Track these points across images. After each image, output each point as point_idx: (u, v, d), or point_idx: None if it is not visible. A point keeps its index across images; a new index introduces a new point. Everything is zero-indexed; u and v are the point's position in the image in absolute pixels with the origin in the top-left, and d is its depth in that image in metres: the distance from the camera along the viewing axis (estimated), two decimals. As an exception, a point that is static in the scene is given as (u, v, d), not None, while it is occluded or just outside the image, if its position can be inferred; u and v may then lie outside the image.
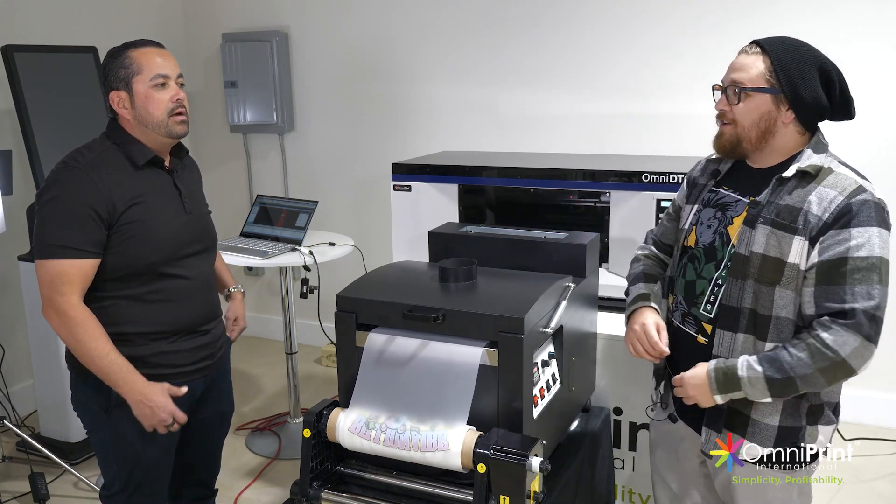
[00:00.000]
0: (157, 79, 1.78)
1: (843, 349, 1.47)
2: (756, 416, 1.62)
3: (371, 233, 3.90)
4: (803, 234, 1.51)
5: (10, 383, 3.39)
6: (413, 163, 2.75)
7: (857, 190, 1.50)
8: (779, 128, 1.58)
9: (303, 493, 1.61)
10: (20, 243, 3.21)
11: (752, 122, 1.58)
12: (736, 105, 1.59)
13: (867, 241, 1.47)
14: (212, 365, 1.98)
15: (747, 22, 3.21)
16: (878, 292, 1.47)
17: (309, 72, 4.19)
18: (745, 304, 1.58)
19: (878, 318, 1.48)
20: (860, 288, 1.47)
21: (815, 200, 1.51)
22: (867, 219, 1.48)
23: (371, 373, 1.63)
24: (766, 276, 1.55)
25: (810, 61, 1.55)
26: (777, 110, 1.57)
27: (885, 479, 2.94)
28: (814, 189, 1.53)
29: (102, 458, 1.94)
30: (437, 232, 2.08)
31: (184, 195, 1.89)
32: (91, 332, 1.73)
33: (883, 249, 1.49)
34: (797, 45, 1.57)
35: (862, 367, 1.50)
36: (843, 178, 1.53)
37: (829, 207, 1.50)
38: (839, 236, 1.49)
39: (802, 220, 1.52)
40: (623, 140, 3.49)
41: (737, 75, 1.59)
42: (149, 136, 1.82)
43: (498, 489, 1.46)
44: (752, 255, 1.57)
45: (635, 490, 2.29)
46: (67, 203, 1.72)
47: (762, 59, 1.56)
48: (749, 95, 1.57)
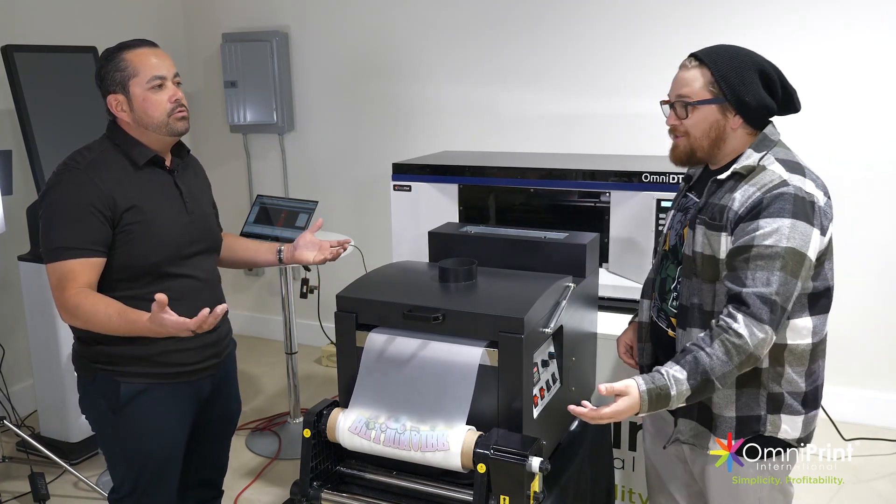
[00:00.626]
0: (153, 80, 1.78)
1: (751, 339, 1.50)
2: (715, 410, 1.67)
3: (371, 233, 3.91)
4: (727, 230, 1.58)
5: (10, 383, 3.39)
6: (413, 163, 2.75)
7: (777, 185, 1.54)
8: (728, 133, 1.64)
9: (303, 493, 1.61)
10: (20, 243, 3.21)
11: (703, 132, 1.64)
12: (685, 119, 1.65)
13: (775, 231, 1.51)
14: (219, 363, 1.98)
15: (747, 22, 3.21)
16: (777, 279, 1.49)
17: (309, 72, 4.19)
18: (693, 301, 1.66)
19: (775, 304, 1.50)
20: (760, 274, 1.50)
21: (737, 198, 1.57)
22: (779, 210, 1.52)
23: (371, 373, 1.63)
24: (706, 274, 1.63)
25: (748, 66, 1.60)
26: (724, 118, 1.62)
27: (885, 479, 2.94)
28: (741, 188, 1.58)
29: (111, 459, 1.94)
30: (437, 232, 2.08)
31: (185, 195, 1.89)
32: (89, 308, 1.69)
33: (793, 240, 1.51)
34: (734, 53, 1.63)
35: (764, 348, 1.53)
36: (768, 175, 1.57)
37: (746, 203, 1.56)
38: (748, 226, 1.54)
39: (726, 217, 1.58)
40: (623, 140, 3.49)
41: (682, 90, 1.65)
42: (149, 136, 1.82)
43: (498, 489, 1.46)
44: (694, 255, 1.66)
45: (635, 490, 2.29)
46: (69, 204, 1.72)
47: (702, 72, 1.62)
48: (696, 108, 1.63)
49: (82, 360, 1.86)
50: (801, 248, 1.51)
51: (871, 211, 3.20)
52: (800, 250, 1.51)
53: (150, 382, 1.84)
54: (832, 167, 3.20)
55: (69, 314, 1.73)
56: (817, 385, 1.68)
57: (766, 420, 1.64)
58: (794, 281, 1.51)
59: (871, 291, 3.27)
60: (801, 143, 3.05)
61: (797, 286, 1.53)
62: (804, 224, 1.52)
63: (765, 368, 1.63)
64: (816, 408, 1.69)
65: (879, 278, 3.24)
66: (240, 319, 4.63)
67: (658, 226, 2.31)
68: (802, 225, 1.52)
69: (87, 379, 1.86)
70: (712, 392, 1.56)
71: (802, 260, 1.52)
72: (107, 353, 1.81)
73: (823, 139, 3.17)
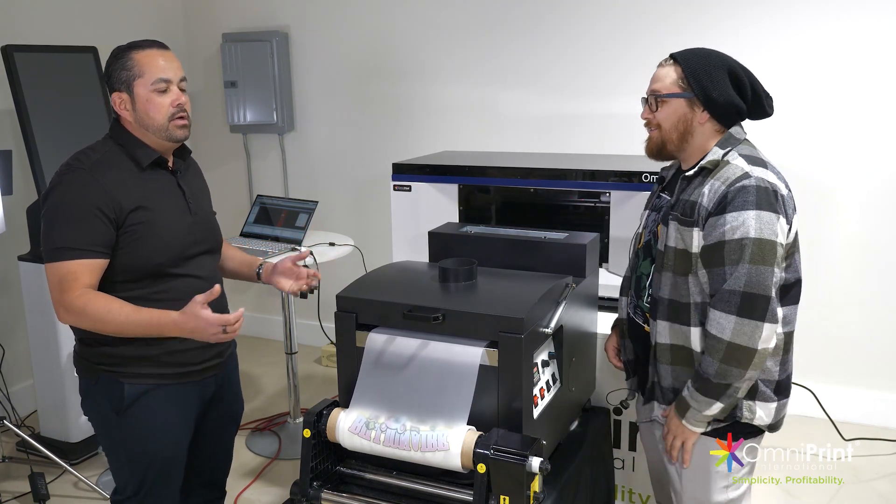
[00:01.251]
0: (158, 83, 1.77)
1: (724, 333, 1.60)
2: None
3: (371, 233, 3.90)
4: (699, 226, 1.66)
5: (10, 383, 3.39)
6: (413, 163, 2.75)
7: (739, 178, 1.62)
8: (696, 128, 1.73)
9: (303, 493, 1.61)
10: (20, 243, 3.21)
11: (672, 125, 1.73)
12: (657, 111, 1.75)
13: (741, 224, 1.59)
14: (222, 363, 1.98)
15: (747, 21, 3.21)
16: (747, 269, 1.58)
17: (309, 72, 4.19)
18: (663, 295, 1.74)
19: (752, 295, 1.58)
20: (734, 268, 1.59)
21: (706, 192, 1.66)
22: (742, 203, 1.60)
23: (371, 373, 1.63)
24: (679, 267, 1.70)
25: (718, 65, 1.70)
26: (692, 112, 1.72)
27: (885, 479, 2.94)
28: (708, 183, 1.67)
29: (114, 460, 1.93)
30: (437, 232, 2.08)
31: (188, 196, 1.89)
32: (101, 310, 1.69)
33: (760, 231, 1.59)
34: (707, 53, 1.73)
35: (756, 342, 1.59)
36: (731, 169, 1.65)
37: (713, 197, 1.64)
38: (717, 222, 1.62)
39: (697, 212, 1.66)
40: (623, 140, 3.48)
41: (655, 85, 1.76)
42: (151, 137, 1.82)
43: (498, 489, 1.46)
44: (667, 249, 1.73)
45: (635, 490, 2.29)
46: (72, 205, 1.71)
47: (674, 69, 1.73)
48: (665, 101, 1.73)
49: (84, 361, 1.86)
50: (768, 237, 1.59)
51: (871, 210, 3.21)
52: (768, 239, 1.59)
53: (154, 383, 1.83)
54: (833, 165, 3.21)
55: (75, 315, 1.71)
56: (788, 374, 1.76)
57: (742, 406, 1.70)
58: (768, 269, 1.58)
59: (871, 291, 3.27)
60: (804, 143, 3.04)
61: (774, 272, 1.60)
62: (768, 213, 1.60)
63: None
64: (787, 396, 1.76)
65: (879, 278, 3.24)
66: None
67: (658, 226, 2.31)
68: (767, 214, 1.60)
69: (89, 380, 1.86)
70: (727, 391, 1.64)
71: (773, 248, 1.59)
72: (110, 355, 1.81)
73: (824, 137, 3.18)
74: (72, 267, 1.70)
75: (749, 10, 3.21)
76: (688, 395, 1.69)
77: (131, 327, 1.70)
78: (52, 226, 1.72)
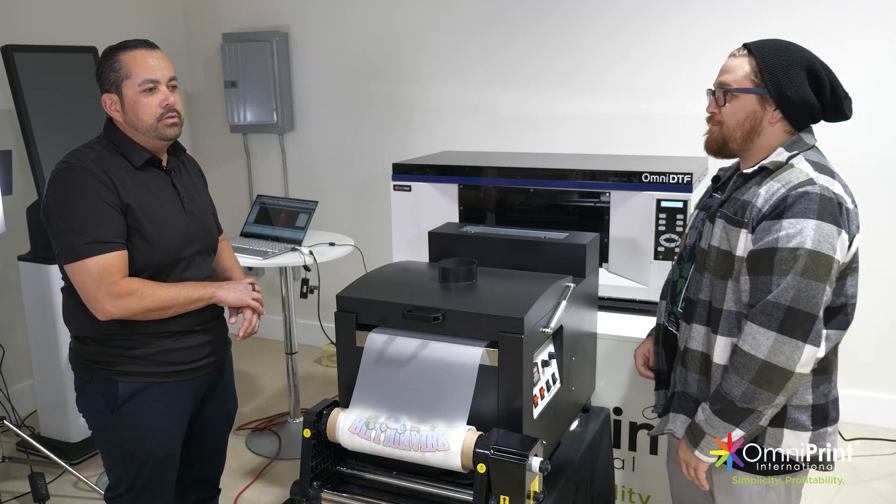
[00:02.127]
0: (145, 84, 1.77)
1: (759, 350, 1.46)
2: None
3: (371, 233, 3.90)
4: (747, 228, 1.53)
5: (10, 383, 3.39)
6: (413, 163, 2.75)
7: (802, 182, 1.49)
8: (765, 127, 1.59)
9: (303, 493, 1.61)
10: (20, 243, 3.21)
11: (738, 122, 1.59)
12: (724, 106, 1.60)
13: (798, 233, 1.45)
14: (216, 362, 1.98)
15: (748, 21, 3.21)
16: (797, 283, 1.44)
17: (309, 72, 4.19)
18: (702, 297, 1.63)
19: (798, 311, 1.44)
20: (782, 279, 1.46)
21: (762, 193, 1.53)
22: (804, 210, 1.46)
23: (371, 373, 1.63)
24: (720, 270, 1.58)
25: (797, 61, 1.55)
26: (763, 110, 1.57)
27: (885, 479, 2.94)
28: (766, 184, 1.54)
29: (108, 458, 1.94)
30: (437, 232, 2.07)
31: (182, 195, 1.89)
32: (151, 294, 1.75)
33: (818, 243, 1.44)
34: (785, 47, 1.57)
35: (797, 366, 1.46)
36: (794, 173, 1.52)
37: (770, 199, 1.50)
38: (772, 227, 1.48)
39: (748, 213, 1.54)
40: (623, 140, 3.49)
41: (724, 77, 1.61)
42: (142, 137, 1.82)
43: (498, 489, 1.46)
44: (709, 249, 1.62)
45: (635, 490, 2.29)
46: (87, 201, 1.71)
47: (748, 61, 1.58)
48: (735, 96, 1.59)
49: (80, 359, 1.86)
50: (826, 251, 1.45)
51: (871, 210, 3.20)
52: (825, 253, 1.45)
53: (147, 381, 1.84)
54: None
55: (129, 298, 1.72)
56: (829, 400, 1.60)
57: (765, 433, 1.58)
58: (819, 286, 1.45)
59: (871, 292, 3.26)
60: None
61: (825, 291, 1.46)
62: (829, 225, 1.46)
63: None
64: (827, 424, 1.60)
65: (879, 278, 3.24)
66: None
67: (658, 226, 2.31)
68: (828, 226, 1.45)
69: (84, 378, 1.86)
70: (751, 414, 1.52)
71: (829, 264, 1.45)
72: (104, 353, 1.82)
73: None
74: (109, 259, 1.71)
75: (750, 11, 3.22)
76: (703, 421, 1.57)
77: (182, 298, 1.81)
78: (71, 225, 1.71)
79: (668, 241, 2.29)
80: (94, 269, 1.70)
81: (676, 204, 2.28)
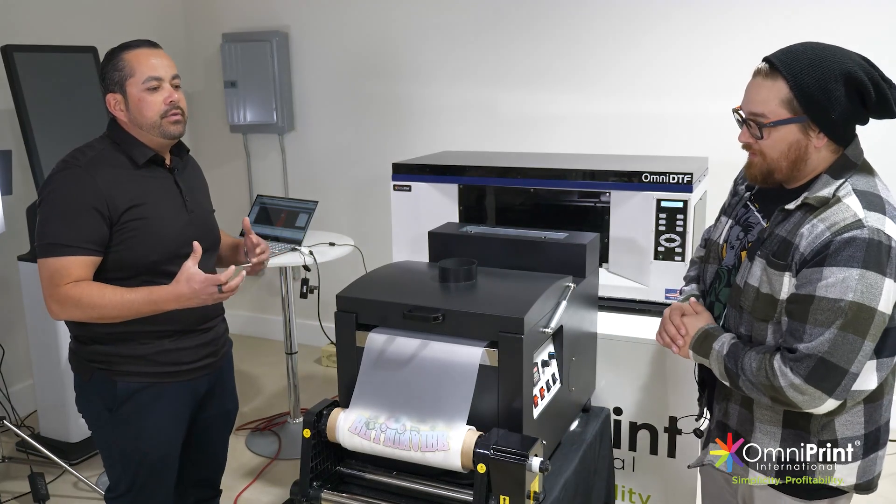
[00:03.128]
0: (149, 81, 1.79)
1: (781, 380, 1.41)
2: (755, 443, 1.58)
3: (371, 233, 3.90)
4: (791, 271, 1.43)
5: (10, 383, 3.39)
6: (413, 163, 2.75)
7: (849, 226, 1.37)
8: (811, 153, 1.45)
9: (303, 493, 1.61)
10: (20, 243, 3.21)
11: (781, 153, 1.45)
12: (761, 139, 1.46)
13: (840, 282, 1.35)
14: (215, 362, 1.98)
15: (748, 21, 3.21)
16: (834, 336, 1.36)
17: (309, 72, 4.19)
18: (743, 332, 1.56)
19: (831, 364, 1.37)
20: (818, 330, 1.38)
21: (805, 234, 1.41)
22: (848, 258, 1.35)
23: (371, 373, 1.63)
24: (759, 312, 1.49)
25: (834, 74, 1.38)
26: (806, 137, 1.43)
27: (885, 480, 2.90)
28: (809, 222, 1.42)
29: (107, 458, 1.94)
30: (437, 232, 2.07)
31: (185, 193, 1.89)
32: (94, 296, 1.70)
33: (862, 294, 1.35)
34: (817, 60, 1.40)
35: (808, 406, 1.42)
36: (841, 211, 1.39)
37: (814, 243, 1.39)
38: (813, 274, 1.39)
39: (791, 256, 1.43)
40: (623, 140, 3.49)
41: (756, 108, 1.45)
42: (146, 136, 1.83)
43: (498, 489, 1.46)
44: (746, 287, 1.52)
45: (635, 490, 2.29)
46: (66, 201, 1.72)
47: (780, 85, 1.41)
48: (773, 129, 1.44)
49: (79, 359, 1.87)
50: (868, 303, 1.35)
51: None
52: (868, 305, 1.35)
53: (146, 382, 1.84)
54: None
55: (69, 305, 1.71)
56: (880, 425, 1.52)
57: (815, 467, 1.50)
58: (858, 340, 1.36)
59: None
60: None
61: (864, 344, 1.37)
62: (875, 275, 1.35)
63: (815, 415, 1.48)
64: (878, 449, 1.53)
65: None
66: (240, 319, 4.63)
67: (658, 226, 2.30)
68: (873, 276, 1.35)
69: (83, 378, 1.87)
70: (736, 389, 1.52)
71: (871, 315, 1.36)
72: (103, 353, 1.82)
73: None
74: (64, 263, 1.71)
75: (750, 11, 3.22)
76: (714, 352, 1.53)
77: (127, 306, 1.71)
78: (46, 222, 1.74)
79: (668, 241, 2.29)
80: (47, 271, 1.72)
81: (676, 204, 2.28)
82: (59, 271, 1.71)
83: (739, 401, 1.60)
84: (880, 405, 1.52)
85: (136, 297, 1.71)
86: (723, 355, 1.53)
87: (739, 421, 1.61)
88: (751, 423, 1.58)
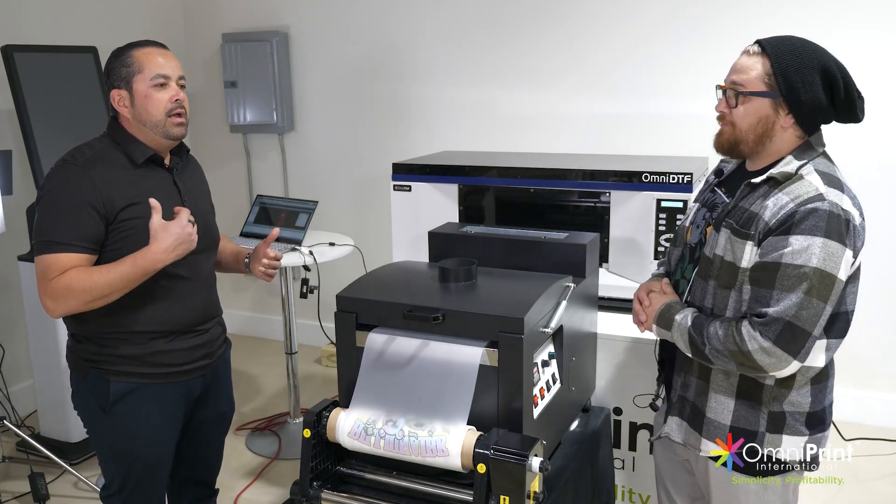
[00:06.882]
0: (157, 79, 1.79)
1: (749, 344, 1.48)
2: (709, 415, 1.66)
3: (371, 233, 3.90)
4: (753, 240, 1.52)
5: (10, 383, 3.39)
6: (413, 163, 2.75)
7: (812, 198, 1.47)
8: (777, 132, 1.56)
9: (303, 493, 1.61)
10: (20, 243, 3.21)
11: (750, 125, 1.57)
12: (735, 108, 1.57)
13: (805, 250, 1.45)
14: (210, 364, 1.98)
15: (749, 21, 3.21)
16: (798, 301, 1.45)
17: (309, 72, 4.19)
18: (706, 304, 1.63)
19: (797, 328, 1.46)
20: (784, 294, 1.46)
21: (769, 206, 1.51)
22: (812, 227, 1.45)
23: (371, 373, 1.63)
24: (723, 280, 1.58)
25: (813, 63, 1.51)
26: (776, 114, 1.55)
27: (885, 480, 2.94)
28: (773, 195, 1.52)
29: (101, 457, 1.95)
30: (437, 232, 2.07)
31: (183, 193, 1.89)
32: (83, 280, 1.69)
33: (823, 261, 1.45)
34: (800, 46, 1.53)
35: (774, 369, 1.50)
36: (804, 186, 1.50)
37: (778, 214, 1.49)
38: (778, 242, 1.48)
39: (755, 226, 1.52)
40: (623, 140, 3.49)
41: (736, 77, 1.57)
42: (148, 134, 1.83)
43: (498, 489, 1.46)
44: (714, 258, 1.61)
45: (635, 490, 2.29)
46: (63, 200, 1.72)
47: (762, 61, 1.54)
48: (747, 99, 1.55)
49: (75, 357, 1.87)
50: (830, 270, 1.45)
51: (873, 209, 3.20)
52: (829, 272, 1.45)
53: (140, 382, 1.84)
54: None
55: (61, 297, 1.70)
56: (825, 406, 1.63)
57: (764, 439, 1.60)
58: (820, 304, 1.46)
59: (870, 292, 3.26)
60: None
61: (825, 309, 1.47)
62: (836, 244, 1.46)
63: (767, 386, 1.60)
64: (824, 429, 1.64)
65: (879, 278, 3.24)
66: (239, 319, 4.63)
67: (658, 226, 2.31)
68: (834, 245, 1.45)
69: (79, 376, 1.87)
70: (709, 362, 1.58)
71: (832, 282, 1.46)
72: (98, 352, 1.82)
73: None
74: (58, 259, 1.71)
75: (751, 10, 3.22)
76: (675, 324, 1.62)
77: (118, 279, 1.70)
78: (43, 219, 1.74)
79: (669, 241, 2.29)
80: (40, 268, 1.72)
81: (676, 204, 2.28)
82: (50, 267, 1.70)
83: (697, 373, 1.67)
84: (825, 387, 1.62)
85: (123, 267, 1.71)
86: (687, 326, 1.60)
87: (697, 392, 1.68)
88: (706, 393, 1.66)
